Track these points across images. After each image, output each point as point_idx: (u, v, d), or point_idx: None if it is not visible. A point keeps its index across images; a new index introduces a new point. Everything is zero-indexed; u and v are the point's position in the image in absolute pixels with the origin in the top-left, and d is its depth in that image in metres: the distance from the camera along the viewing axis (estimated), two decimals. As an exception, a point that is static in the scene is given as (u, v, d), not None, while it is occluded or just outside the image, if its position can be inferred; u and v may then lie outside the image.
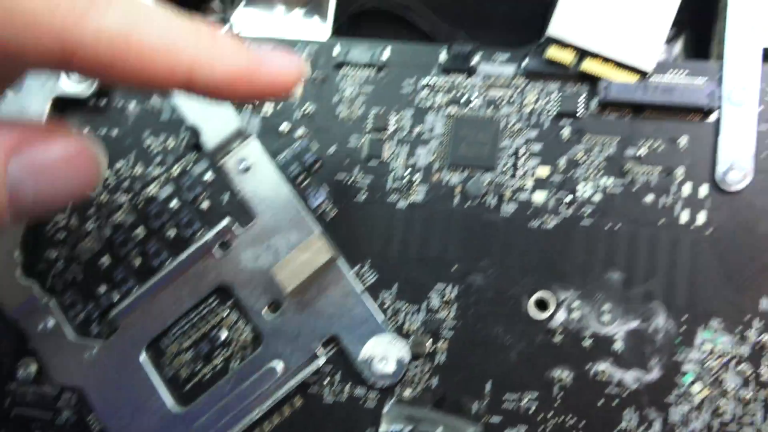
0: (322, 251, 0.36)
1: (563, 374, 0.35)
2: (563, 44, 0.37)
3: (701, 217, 0.36)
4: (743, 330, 0.35)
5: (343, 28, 0.42)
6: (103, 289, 0.40)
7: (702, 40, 0.42)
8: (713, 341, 0.35)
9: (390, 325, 0.37)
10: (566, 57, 0.37)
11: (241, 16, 0.46)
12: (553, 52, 0.37)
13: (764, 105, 0.37)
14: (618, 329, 0.36)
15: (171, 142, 0.41)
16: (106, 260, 0.40)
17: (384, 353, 0.36)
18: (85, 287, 0.40)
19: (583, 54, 0.37)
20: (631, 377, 0.35)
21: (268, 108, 0.40)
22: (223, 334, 0.38)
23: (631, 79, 0.37)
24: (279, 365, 0.37)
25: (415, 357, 0.36)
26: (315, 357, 0.37)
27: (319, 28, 0.45)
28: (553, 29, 0.37)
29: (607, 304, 0.35)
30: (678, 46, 0.44)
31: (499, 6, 0.40)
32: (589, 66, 0.37)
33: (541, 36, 0.38)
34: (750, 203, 0.36)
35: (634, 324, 0.35)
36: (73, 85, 0.41)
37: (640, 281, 0.36)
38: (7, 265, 0.40)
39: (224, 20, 0.45)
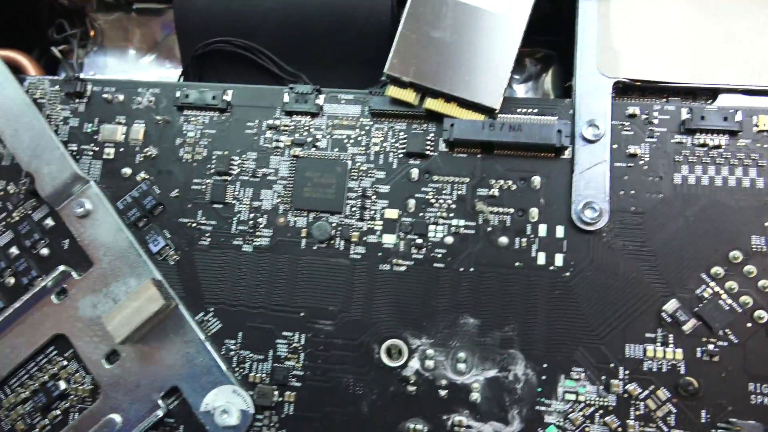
0: (154, 298, 0.34)
1: (418, 426, 0.34)
2: (402, 83, 0.35)
3: (559, 259, 0.34)
4: (608, 379, 0.33)
5: (188, 71, 0.40)
6: (-62, 340, 0.37)
7: (569, 73, 0.40)
8: (577, 391, 0.33)
9: (235, 374, 0.35)
10: (408, 96, 0.36)
11: (93, 61, 0.45)
12: (394, 92, 0.36)
13: (618, 142, 0.35)
14: (475, 378, 0.34)
15: (11, 188, 0.39)
16: (-58, 309, 0.38)
17: (226, 405, 0.34)
18: None
19: (425, 92, 0.35)
20: (490, 429, 0.33)
21: (111, 151, 0.38)
22: (62, 385, 0.36)
23: (478, 116, 0.35)
24: (117, 417, 0.35)
25: (261, 409, 0.34)
26: (155, 407, 0.35)
27: (170, 73, 0.44)
28: (390, 67, 0.35)
29: (463, 352, 0.34)
30: (548, 80, 0.43)
31: (341, 48, 0.39)
32: (432, 104, 0.36)
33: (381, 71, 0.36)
34: (608, 243, 0.34)
35: (491, 373, 0.34)
36: None
37: (497, 327, 0.34)
38: None
39: (78, 65, 0.44)
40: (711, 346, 0.32)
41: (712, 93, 0.36)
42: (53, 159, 0.38)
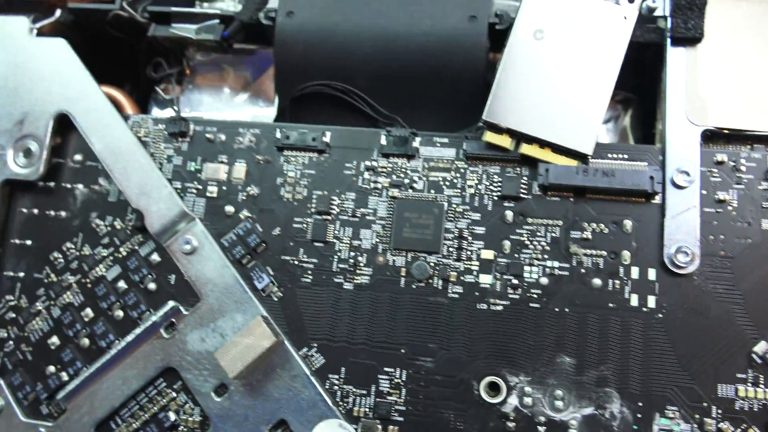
0: (265, 336, 0.36)
1: (518, 459, 0.35)
2: (499, 129, 0.37)
3: (651, 301, 0.36)
4: (702, 417, 0.35)
5: (285, 111, 0.42)
6: (51, 369, 0.40)
7: (649, 117, 0.42)
8: (671, 429, 0.35)
9: (339, 408, 0.37)
10: (504, 141, 0.37)
11: (188, 99, 0.47)
12: (491, 137, 0.37)
13: (707, 188, 0.37)
14: (572, 415, 0.36)
15: (118, 224, 0.41)
16: (55, 340, 0.40)
17: (333, 438, 0.36)
18: (35, 368, 0.40)
19: (520, 138, 0.37)
20: (586, 464, 0.35)
21: (214, 189, 0.40)
22: (172, 417, 0.38)
23: (571, 162, 0.37)
24: (227, 449, 0.37)
25: None
26: (264, 439, 0.37)
27: (264, 111, 0.46)
28: (489, 114, 0.37)
29: (560, 390, 0.35)
30: (626, 121, 0.44)
31: (434, 93, 0.40)
32: (528, 150, 0.37)
33: (478, 120, 0.38)
34: (699, 286, 0.36)
35: (588, 410, 0.35)
36: (22, 168, 0.41)
37: (592, 366, 0.35)
38: (-44, 348, 0.40)
39: (172, 102, 0.46)
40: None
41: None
42: (161, 197, 0.40)
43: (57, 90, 0.43)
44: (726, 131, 0.37)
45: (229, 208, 0.40)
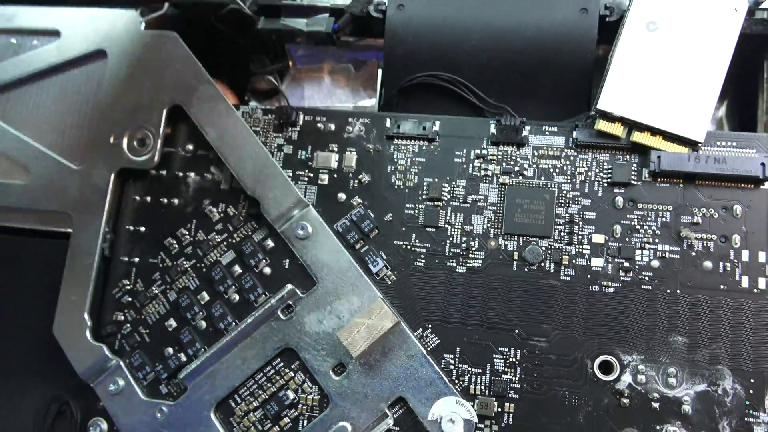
0: (386, 317, 0.38)
1: (633, 434, 0.36)
2: (612, 117, 0.38)
3: (762, 283, 0.37)
4: None
5: (392, 101, 0.44)
6: (170, 351, 0.41)
7: (746, 106, 0.43)
8: None
9: (455, 387, 0.38)
10: (616, 129, 0.39)
11: (290, 91, 0.48)
12: (603, 125, 0.39)
13: None
14: (686, 392, 0.37)
15: (231, 211, 0.42)
16: (172, 323, 0.41)
17: (452, 414, 0.37)
18: (153, 349, 0.41)
19: (632, 126, 0.38)
20: (703, 439, 0.36)
21: (325, 177, 0.42)
22: (291, 395, 0.39)
23: (682, 149, 0.38)
24: (348, 426, 0.38)
25: (482, 419, 0.37)
26: (384, 417, 0.38)
27: (365, 102, 0.47)
28: (603, 103, 0.38)
29: (673, 368, 0.36)
30: (722, 111, 0.45)
31: (543, 83, 0.42)
32: (639, 138, 0.38)
33: (585, 108, 0.39)
34: (808, 265, 0.37)
35: (701, 387, 0.36)
36: (136, 157, 0.43)
37: (705, 345, 0.37)
38: (77, 328, 0.41)
39: (277, 93, 0.47)
40: None
41: None
42: (277, 185, 0.41)
43: (170, 82, 0.44)
44: None
45: (341, 195, 0.42)
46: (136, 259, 0.43)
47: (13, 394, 0.43)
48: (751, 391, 0.36)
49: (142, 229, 0.43)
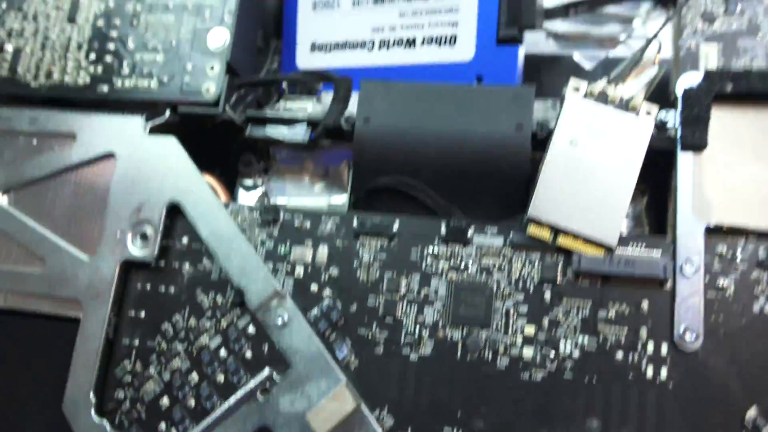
0: (348, 401, 0.45)
1: None
2: (540, 223, 0.46)
3: (663, 373, 0.44)
4: None
5: (359, 201, 0.51)
6: (163, 426, 0.48)
7: (662, 206, 0.50)
8: None
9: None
10: (544, 234, 0.46)
11: (273, 186, 0.55)
12: (533, 230, 0.46)
13: (709, 276, 0.45)
14: None
15: (219, 299, 0.49)
16: (165, 401, 0.48)
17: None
18: (148, 425, 0.48)
19: (557, 231, 0.46)
20: None
21: (300, 270, 0.49)
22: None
23: (599, 252, 0.45)
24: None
25: None
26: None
27: (338, 198, 0.55)
28: (532, 212, 0.45)
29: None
30: (641, 206, 0.53)
31: (486, 187, 0.49)
32: (563, 241, 0.46)
33: (522, 210, 0.46)
34: (704, 362, 0.44)
35: None
36: (138, 250, 0.50)
37: (615, 428, 0.43)
38: (83, 405, 0.48)
39: (256, 187, 0.54)
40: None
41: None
42: (259, 278, 0.48)
43: (169, 182, 0.51)
44: (725, 227, 0.45)
45: (314, 287, 0.49)
46: (137, 342, 0.50)
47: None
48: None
49: (142, 314, 0.50)
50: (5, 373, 0.52)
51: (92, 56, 0.57)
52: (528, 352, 0.45)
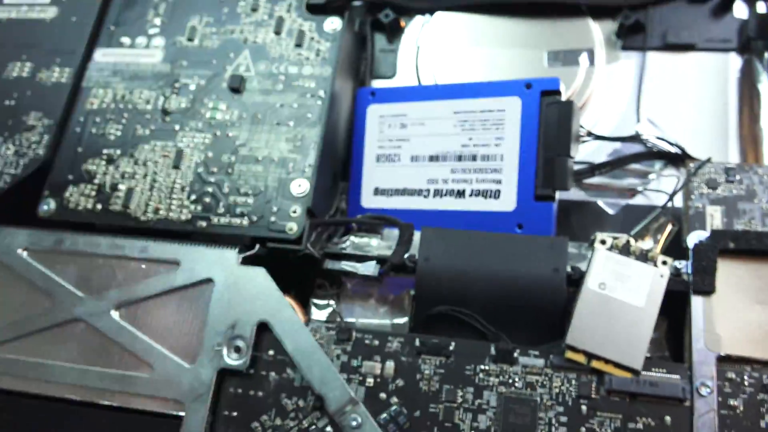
0: (413, 494, 0.53)
1: None
2: (576, 349, 0.55)
3: None
4: None
5: (419, 325, 0.61)
6: None
7: (679, 335, 0.60)
8: None
9: None
10: (579, 358, 0.55)
11: (344, 308, 0.66)
12: (570, 355, 0.55)
13: (722, 396, 0.54)
14: None
15: (301, 403, 0.58)
16: (253, 491, 0.56)
17: None
18: None
19: (591, 356, 0.55)
20: None
21: (371, 381, 0.58)
22: None
23: (627, 374, 0.54)
24: None
25: None
26: None
27: (400, 320, 0.65)
28: (569, 340, 0.55)
29: None
30: (661, 332, 0.62)
31: (527, 319, 0.59)
32: (596, 364, 0.55)
33: (556, 337, 0.56)
34: (719, 471, 0.52)
35: None
36: (233, 361, 0.60)
37: None
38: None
39: (327, 306, 0.65)
40: None
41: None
42: (336, 386, 0.57)
43: (259, 305, 0.61)
44: (733, 356, 0.55)
45: (383, 395, 0.58)
46: (229, 439, 0.58)
47: None
48: None
49: (235, 414, 0.59)
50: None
51: (193, 197, 0.67)
52: (565, 461, 0.54)
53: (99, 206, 0.69)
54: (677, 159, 0.68)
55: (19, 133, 0.73)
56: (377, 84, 0.79)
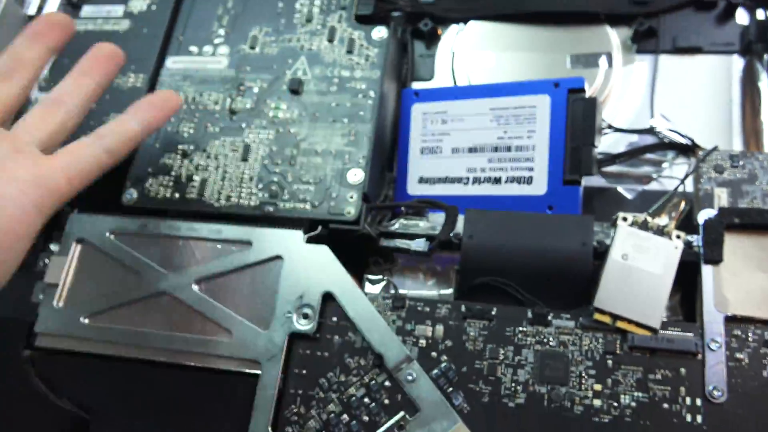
0: (465, 433, 0.62)
1: None
2: (603, 312, 0.64)
3: (699, 419, 0.61)
4: None
5: (464, 294, 0.70)
6: (322, 455, 0.65)
7: (691, 300, 0.69)
8: None
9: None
10: (606, 319, 0.64)
11: (396, 278, 0.75)
12: (598, 316, 0.64)
13: (729, 351, 0.63)
14: None
15: (362, 361, 0.67)
16: (324, 436, 0.65)
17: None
18: (311, 455, 0.65)
19: (616, 317, 0.64)
20: None
21: (423, 342, 0.67)
22: (400, 480, 0.62)
23: (646, 332, 0.64)
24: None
25: None
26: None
27: (445, 291, 0.74)
28: (597, 303, 0.64)
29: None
30: (675, 300, 0.71)
31: (559, 287, 0.67)
32: (621, 324, 0.64)
33: (584, 303, 0.65)
34: (729, 411, 0.60)
35: None
36: (302, 326, 0.69)
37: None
38: (263, 437, 0.65)
39: (380, 281, 0.74)
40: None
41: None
42: (394, 346, 0.66)
43: (323, 278, 0.70)
44: (739, 316, 0.64)
45: (434, 354, 0.67)
46: (300, 392, 0.67)
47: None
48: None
49: (304, 371, 0.68)
50: (200, 414, 0.70)
51: (260, 185, 0.77)
52: (597, 402, 0.62)
53: (176, 195, 0.78)
54: (687, 149, 0.77)
55: (100, 132, 0.82)
56: (417, 86, 0.88)
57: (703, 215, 0.67)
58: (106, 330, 0.72)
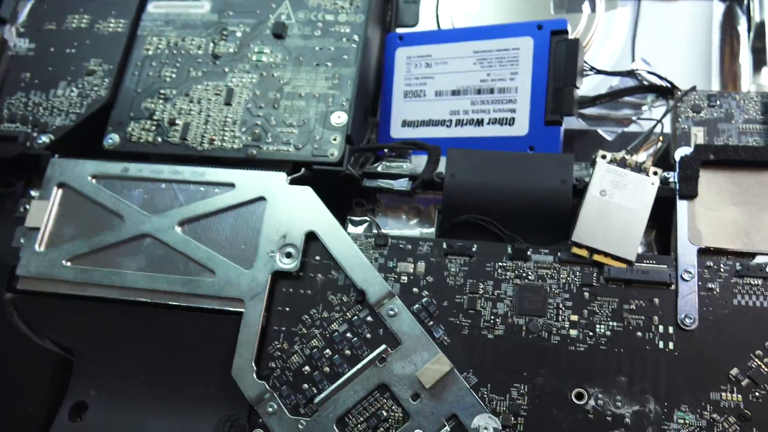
0: (446, 364, 0.63)
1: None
2: (580, 246, 0.66)
3: (671, 345, 0.63)
4: (701, 411, 0.60)
5: (446, 232, 0.71)
6: (306, 386, 0.66)
7: (666, 236, 0.70)
8: (684, 418, 0.61)
9: (488, 407, 0.63)
10: (583, 252, 0.65)
11: (378, 220, 0.76)
12: (575, 250, 0.65)
13: (701, 281, 0.64)
14: (626, 411, 0.61)
15: (344, 298, 0.69)
16: (307, 368, 0.67)
17: (486, 424, 0.62)
18: (295, 385, 0.66)
19: (593, 250, 0.65)
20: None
21: (405, 278, 0.68)
22: (384, 414, 0.64)
23: (622, 265, 0.65)
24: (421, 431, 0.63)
25: (504, 427, 0.62)
26: (443, 427, 0.63)
27: (427, 230, 0.75)
28: (574, 237, 0.65)
29: (619, 396, 0.62)
30: (652, 237, 0.73)
31: (539, 223, 0.68)
32: (597, 258, 0.65)
33: (563, 238, 0.66)
34: (699, 337, 0.62)
35: (635, 407, 0.61)
36: (285, 264, 0.70)
37: (637, 383, 0.62)
38: (247, 371, 0.67)
39: (363, 223, 0.75)
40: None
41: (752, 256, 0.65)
42: (376, 282, 0.67)
43: (307, 218, 0.70)
44: (711, 248, 0.65)
45: (415, 289, 0.68)
46: (283, 328, 0.69)
47: (205, 414, 0.68)
48: (665, 410, 0.61)
49: (287, 309, 0.69)
50: (184, 353, 0.71)
51: (243, 129, 0.77)
52: (573, 332, 0.64)
53: (159, 139, 0.78)
54: (667, 92, 0.78)
55: (81, 77, 0.82)
56: (401, 32, 0.88)
57: (680, 152, 0.68)
58: (88, 272, 0.73)
